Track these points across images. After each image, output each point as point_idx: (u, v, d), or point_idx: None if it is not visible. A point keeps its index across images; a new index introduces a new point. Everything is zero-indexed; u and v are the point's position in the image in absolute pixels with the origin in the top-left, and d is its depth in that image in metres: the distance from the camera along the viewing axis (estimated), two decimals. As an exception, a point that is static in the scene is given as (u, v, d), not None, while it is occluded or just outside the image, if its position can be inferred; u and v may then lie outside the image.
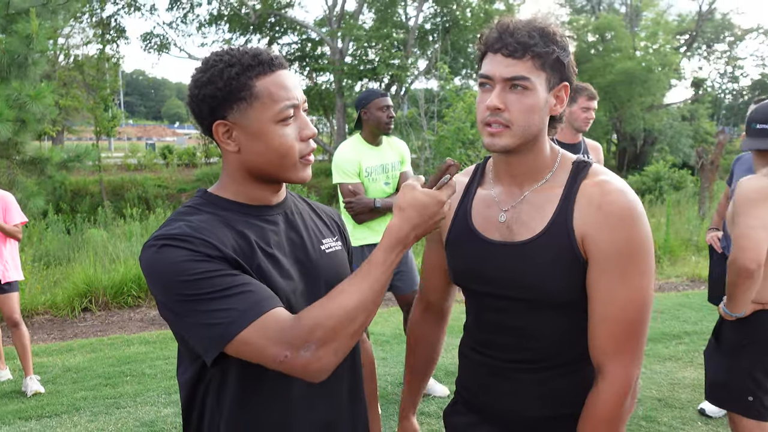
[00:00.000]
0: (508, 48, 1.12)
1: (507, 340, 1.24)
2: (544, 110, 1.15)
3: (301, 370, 0.95)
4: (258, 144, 1.04)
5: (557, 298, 1.17)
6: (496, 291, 1.22)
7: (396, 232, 0.99)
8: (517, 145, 1.16)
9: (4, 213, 3.91)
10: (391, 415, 3.35)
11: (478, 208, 1.28)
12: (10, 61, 6.54)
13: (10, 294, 3.91)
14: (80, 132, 22.74)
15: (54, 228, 8.66)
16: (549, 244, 1.15)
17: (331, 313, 0.94)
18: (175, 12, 19.84)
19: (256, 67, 1.02)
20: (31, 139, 9.36)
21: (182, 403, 1.11)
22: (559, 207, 1.17)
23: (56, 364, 4.39)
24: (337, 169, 3.23)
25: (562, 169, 1.22)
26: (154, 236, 1.00)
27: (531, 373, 1.23)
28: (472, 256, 1.25)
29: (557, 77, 1.15)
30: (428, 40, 20.43)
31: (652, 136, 21.90)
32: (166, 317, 1.02)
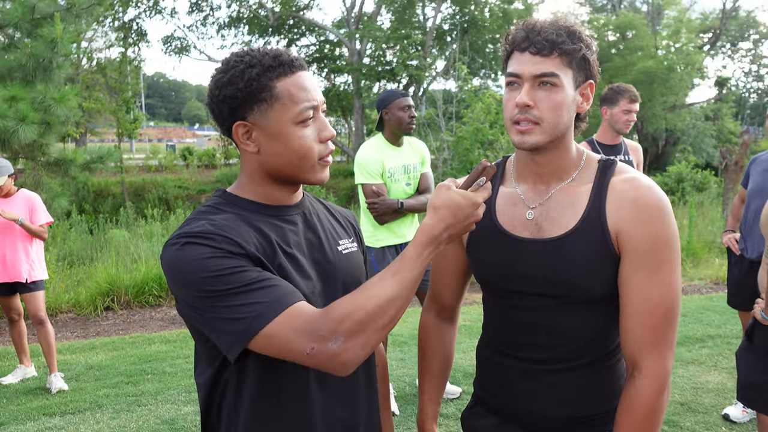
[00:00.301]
0: (536, 46, 1.13)
1: (535, 339, 1.22)
2: (571, 107, 1.16)
3: (327, 363, 0.94)
4: (277, 145, 1.04)
5: (590, 294, 1.17)
6: (526, 288, 1.21)
7: (429, 230, 0.99)
8: (546, 142, 1.16)
9: (30, 213, 3.99)
10: (408, 416, 3.35)
11: (502, 206, 1.27)
12: (35, 64, 6.67)
13: (36, 293, 3.99)
14: (103, 134, 23.11)
15: (77, 228, 8.80)
16: (582, 239, 1.15)
17: (361, 305, 0.94)
18: (195, 15, 20.06)
19: (277, 68, 1.03)
20: (56, 141, 9.53)
21: (200, 404, 1.11)
22: (591, 203, 1.17)
23: (79, 362, 4.46)
24: (360, 169, 3.22)
25: (588, 167, 1.23)
26: (175, 234, 1.01)
27: (558, 372, 1.22)
28: (501, 254, 1.24)
29: (583, 75, 1.17)
30: (446, 40, 20.38)
31: (675, 137, 21.59)
32: (186, 315, 1.02)
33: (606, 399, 1.24)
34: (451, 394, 3.59)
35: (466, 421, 1.41)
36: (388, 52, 18.38)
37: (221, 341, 0.98)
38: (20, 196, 4.01)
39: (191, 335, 1.07)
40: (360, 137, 18.42)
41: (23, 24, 6.98)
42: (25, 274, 3.92)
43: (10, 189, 3.97)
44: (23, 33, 7.23)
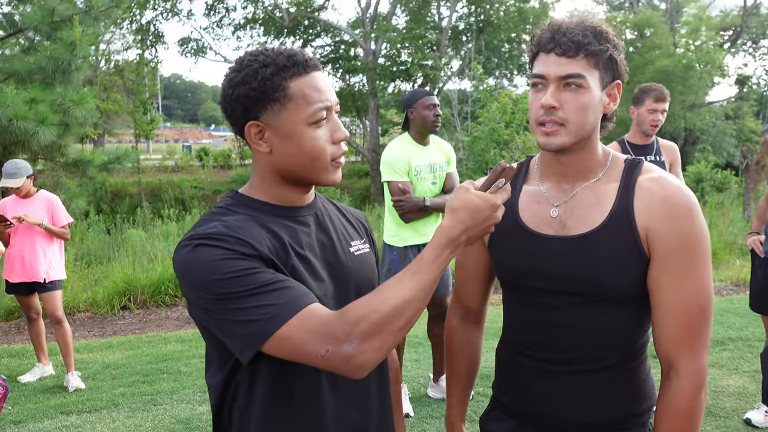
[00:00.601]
0: (562, 47, 1.12)
1: (558, 340, 1.21)
2: (598, 108, 1.16)
3: (342, 365, 0.93)
4: (290, 146, 1.03)
5: (616, 292, 1.15)
6: (549, 286, 1.19)
7: (448, 232, 0.97)
8: (571, 143, 1.16)
9: (51, 215, 4.03)
10: (423, 418, 3.33)
11: (525, 204, 1.26)
12: (54, 67, 6.75)
13: (54, 292, 4.03)
14: (120, 135, 23.40)
15: (95, 228, 8.91)
16: (609, 237, 1.14)
17: (377, 307, 0.92)
18: (211, 17, 20.21)
19: (291, 68, 1.01)
20: (74, 142, 9.66)
21: (212, 406, 1.10)
22: (618, 200, 1.16)
23: (96, 361, 4.50)
24: (387, 166, 3.23)
25: (614, 167, 1.22)
26: (187, 236, 1.00)
27: (579, 374, 1.20)
28: (524, 252, 1.23)
29: (610, 75, 1.16)
30: (461, 39, 20.31)
31: (694, 136, 21.29)
32: (198, 318, 1.01)
33: (629, 402, 1.21)
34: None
35: (484, 425, 1.39)
36: (403, 52, 18.37)
37: (234, 344, 0.97)
38: (40, 197, 4.06)
39: (203, 338, 1.06)
40: (375, 137, 18.42)
41: (43, 27, 7.08)
42: (43, 274, 3.96)
43: (29, 190, 4.02)
44: (43, 36, 7.33)
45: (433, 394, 3.63)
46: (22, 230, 3.97)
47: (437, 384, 3.62)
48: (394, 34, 17.75)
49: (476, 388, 3.72)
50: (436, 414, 3.38)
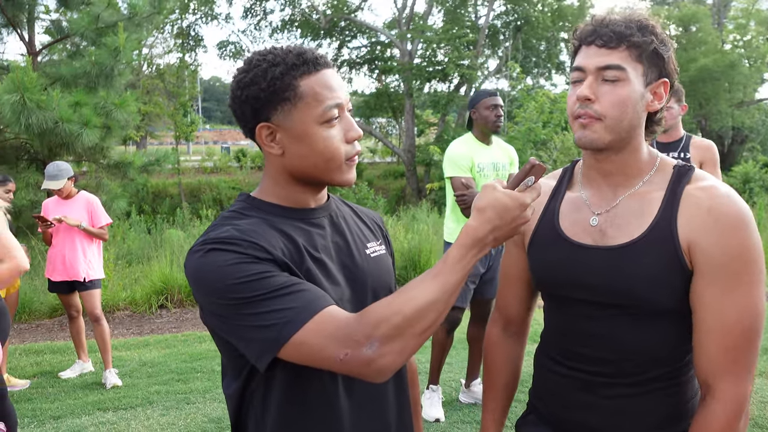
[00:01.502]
0: (603, 38, 1.08)
1: (595, 351, 1.16)
2: (639, 105, 1.09)
3: (362, 369, 0.89)
4: (302, 146, 1.00)
5: (654, 306, 1.10)
6: (586, 297, 1.15)
7: (474, 232, 0.93)
8: (609, 141, 1.10)
9: (90, 216, 4.14)
10: (455, 423, 3.28)
11: (566, 211, 1.21)
12: (98, 71, 6.96)
13: (93, 291, 4.13)
14: (161, 137, 23.96)
15: (136, 228, 9.13)
16: (649, 248, 1.08)
17: (398, 309, 0.88)
18: (249, 19, 20.52)
19: (301, 67, 0.99)
20: (116, 145, 9.94)
21: (230, 415, 1.09)
22: (662, 210, 1.10)
23: (134, 359, 4.60)
24: (450, 163, 3.26)
25: (661, 173, 1.15)
26: (199, 241, 0.98)
27: (618, 387, 1.14)
28: (560, 260, 1.18)
29: (655, 72, 1.10)
30: (498, 39, 20.08)
31: (742, 134, 20.51)
32: (212, 325, 0.99)
33: (671, 420, 1.14)
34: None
35: (519, 430, 1.34)
36: (439, 52, 18.27)
37: (250, 350, 0.94)
38: (80, 199, 4.17)
39: (217, 347, 1.04)
40: (411, 138, 18.37)
41: (88, 33, 7.30)
42: (83, 273, 4.07)
43: (70, 191, 4.13)
44: (88, 41, 7.57)
45: (464, 399, 3.57)
46: (63, 231, 4.09)
47: (469, 389, 3.57)
48: (431, 34, 17.66)
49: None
50: (467, 419, 3.32)
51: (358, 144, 1.06)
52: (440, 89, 19.07)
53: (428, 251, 7.11)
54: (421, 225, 8.48)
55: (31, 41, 8.01)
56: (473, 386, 3.55)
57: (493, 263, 3.36)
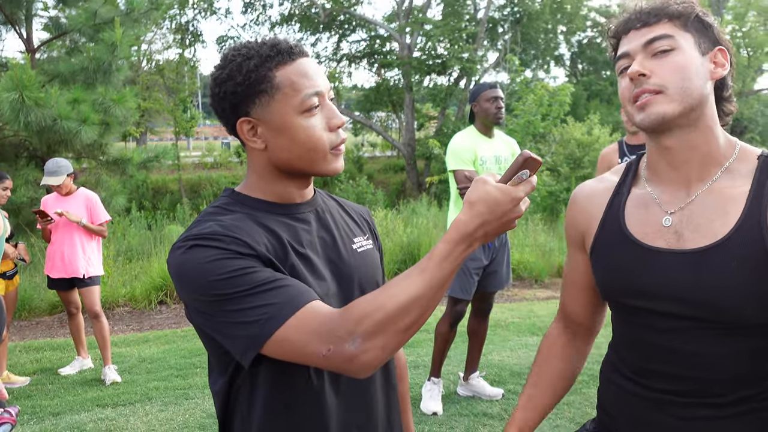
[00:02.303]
0: (641, 20, 1.01)
1: (668, 367, 1.04)
2: (701, 72, 0.99)
3: (345, 365, 0.88)
4: (284, 138, 1.00)
5: (740, 318, 0.97)
6: (659, 308, 1.03)
7: (463, 227, 0.89)
8: (678, 113, 0.98)
9: (90, 212, 4.15)
10: (452, 416, 3.29)
11: (632, 210, 1.09)
12: (96, 67, 6.95)
13: (92, 287, 4.15)
14: (161, 133, 23.95)
15: (137, 224, 9.14)
16: (735, 252, 0.96)
17: (381, 305, 0.87)
18: (248, 14, 20.47)
19: (275, 57, 0.98)
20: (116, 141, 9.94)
21: (217, 413, 1.09)
22: (748, 208, 0.97)
23: (133, 355, 4.62)
24: (453, 156, 3.27)
25: (742, 162, 1.02)
26: (182, 237, 0.97)
27: (695, 407, 1.02)
28: (628, 266, 1.06)
29: (707, 41, 1.01)
30: (498, 32, 20.01)
31: (741, 125, 20.44)
32: (196, 322, 0.99)
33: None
34: (494, 396, 3.51)
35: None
36: (438, 46, 18.22)
37: (234, 347, 0.94)
38: (79, 195, 4.17)
39: (203, 343, 1.05)
40: (410, 131, 18.34)
41: (86, 29, 7.29)
42: (82, 269, 4.08)
43: (70, 188, 4.13)
44: (86, 38, 7.56)
45: (462, 392, 3.58)
46: (62, 227, 4.09)
47: (467, 382, 3.58)
48: (430, 28, 17.60)
49: (506, 386, 3.66)
50: (465, 412, 3.34)
51: (343, 132, 1.05)
52: (440, 83, 19.03)
53: (428, 245, 7.12)
54: (420, 219, 8.49)
55: (29, 38, 8.00)
56: (471, 379, 3.56)
57: (497, 256, 3.35)
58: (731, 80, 1.05)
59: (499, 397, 3.51)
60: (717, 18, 9.92)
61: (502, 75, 19.01)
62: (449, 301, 3.37)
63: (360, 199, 12.34)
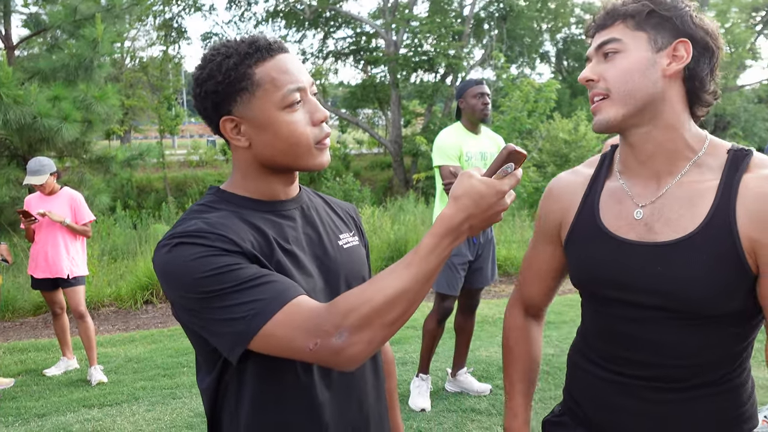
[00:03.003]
0: (598, 23, 1.08)
1: (638, 354, 1.08)
2: (649, 71, 1.02)
3: (332, 359, 0.89)
4: (267, 135, 1.00)
5: (708, 309, 1.01)
6: (630, 298, 1.07)
7: (448, 220, 0.90)
8: (623, 116, 1.03)
9: (74, 212, 4.09)
10: (440, 412, 3.30)
11: (606, 203, 1.13)
12: (77, 64, 6.86)
13: (77, 287, 4.10)
14: (146, 131, 23.70)
15: (121, 223, 9.06)
16: (704, 245, 0.99)
17: (368, 298, 0.87)
18: (233, 11, 20.31)
19: (254, 54, 0.98)
20: (99, 139, 9.81)
21: (205, 410, 1.09)
22: (717, 202, 1.00)
23: (119, 355, 4.58)
24: (439, 151, 3.29)
25: (711, 156, 1.05)
26: (167, 235, 0.97)
27: (662, 392, 1.07)
28: (602, 258, 1.10)
29: (667, 35, 1.03)
30: (483, 29, 20.05)
31: (724, 121, 20.70)
32: (182, 320, 0.99)
33: (722, 427, 1.07)
34: (482, 392, 3.53)
35: (550, 428, 1.28)
36: (424, 42, 18.22)
37: (221, 343, 0.95)
38: (63, 195, 4.12)
39: (190, 341, 1.05)
40: (397, 128, 18.33)
41: (66, 25, 7.19)
42: (66, 270, 4.03)
43: (53, 187, 4.08)
44: (66, 34, 7.45)
45: (450, 388, 3.60)
46: (46, 227, 4.04)
47: (455, 379, 3.59)
48: (416, 24, 17.59)
49: (494, 381, 3.68)
50: (453, 408, 3.35)
51: (327, 126, 1.05)
52: (426, 79, 19.03)
53: (415, 242, 7.13)
54: (408, 216, 8.50)
55: (7, 35, 7.88)
56: (459, 375, 3.58)
57: (482, 252, 3.37)
58: (710, 70, 1.05)
59: (487, 392, 3.53)
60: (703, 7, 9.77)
61: (488, 72, 19.03)
62: (436, 297, 3.38)
63: (347, 197, 12.32)
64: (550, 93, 10.53)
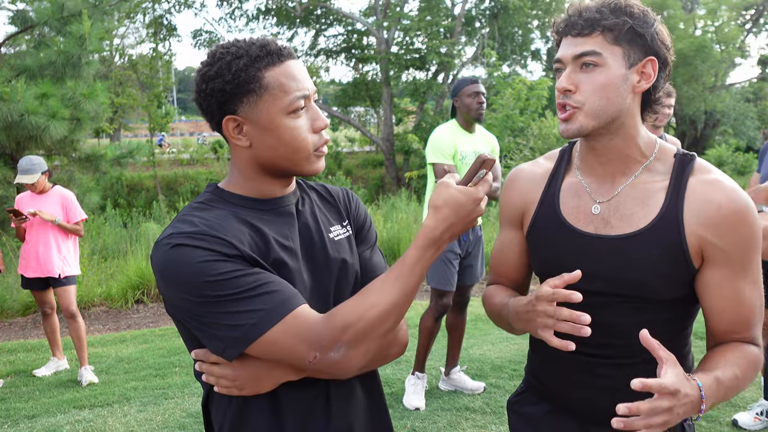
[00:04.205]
0: (576, 27, 1.10)
1: (594, 336, 1.13)
2: (622, 88, 1.09)
3: (329, 370, 0.95)
4: (269, 138, 1.01)
5: (656, 296, 1.12)
6: (586, 286, 1.13)
7: (431, 232, 0.97)
8: (593, 128, 1.10)
9: (65, 211, 4.05)
10: (435, 410, 3.29)
11: (566, 196, 1.21)
12: (65, 61, 6.77)
13: (68, 287, 4.05)
14: (136, 129, 23.54)
15: (112, 222, 8.97)
16: (655, 239, 1.10)
17: (363, 314, 0.94)
18: (224, 8, 20.18)
19: (265, 58, 0.99)
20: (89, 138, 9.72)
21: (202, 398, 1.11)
22: (668, 202, 1.11)
23: (110, 355, 4.53)
24: (433, 149, 3.27)
25: (661, 161, 1.16)
26: (166, 234, 0.97)
27: (616, 367, 1.17)
28: (562, 248, 1.19)
29: (639, 51, 1.09)
30: (475, 26, 20.05)
31: (714, 118, 20.85)
32: (176, 316, 1.00)
33: None
34: (476, 390, 3.52)
35: (514, 407, 1.36)
36: (416, 40, 18.19)
37: (214, 346, 0.96)
38: (54, 194, 4.08)
39: (181, 337, 1.04)
40: (389, 126, 18.31)
41: (53, 22, 7.11)
42: (58, 269, 3.98)
43: (44, 186, 4.03)
44: (54, 31, 7.36)
45: (444, 387, 3.59)
46: (37, 226, 3.99)
47: (448, 377, 3.58)
48: (407, 22, 17.56)
49: (488, 380, 3.68)
50: (447, 406, 3.34)
51: (326, 133, 1.07)
52: (418, 77, 19.00)
53: (408, 240, 7.12)
54: (400, 214, 8.49)
55: (-6, 32, 7.78)
56: (453, 374, 3.57)
57: (472, 250, 3.37)
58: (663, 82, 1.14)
59: (481, 390, 3.53)
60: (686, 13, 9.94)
61: (480, 70, 19.04)
62: (433, 294, 3.37)
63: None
64: (542, 91, 10.54)
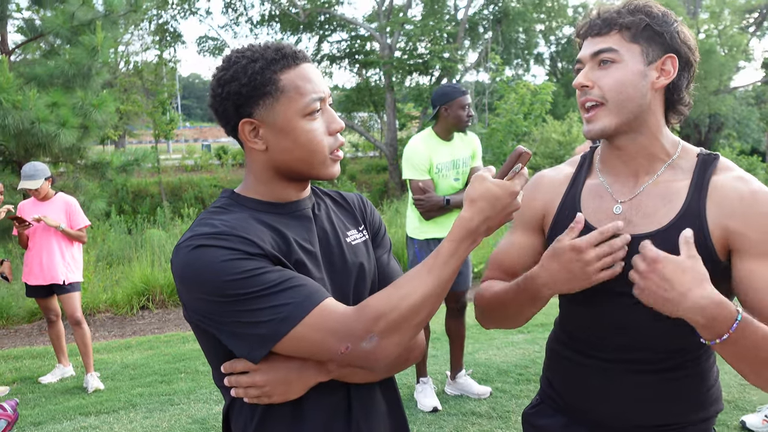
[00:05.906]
0: (595, 28, 1.12)
1: (615, 340, 1.16)
2: (641, 84, 1.10)
3: (362, 361, 0.94)
4: (286, 140, 1.01)
5: None
6: (609, 286, 1.12)
7: (467, 224, 0.96)
8: (615, 126, 1.11)
9: (69, 217, 4.06)
10: (441, 415, 3.29)
11: (587, 198, 1.21)
12: (75, 71, 6.82)
13: (72, 294, 4.06)
14: (140, 135, 23.65)
15: (117, 228, 9.01)
16: (678, 236, 1.06)
17: (396, 304, 0.92)
18: (228, 14, 20.30)
19: (280, 61, 1.00)
20: (94, 144, 9.75)
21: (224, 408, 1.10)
22: (690, 199, 1.11)
23: (116, 361, 4.54)
24: (408, 164, 3.23)
25: (684, 159, 1.16)
26: (187, 236, 0.97)
27: (638, 374, 1.15)
28: None
29: (658, 49, 1.10)
30: (478, 31, 20.09)
31: (718, 122, 20.81)
32: (197, 321, 0.99)
33: (690, 407, 1.16)
34: (482, 394, 3.51)
35: (530, 419, 1.33)
36: (419, 45, 18.24)
37: (240, 346, 0.95)
38: (58, 200, 4.09)
39: (198, 341, 1.04)
40: (393, 131, 18.35)
41: (63, 32, 7.14)
42: (62, 276, 4.00)
43: (47, 192, 4.05)
44: (63, 40, 7.41)
45: (450, 391, 3.58)
46: (41, 233, 4.01)
47: (454, 381, 3.58)
48: (411, 27, 17.61)
49: (494, 384, 3.67)
50: (453, 411, 3.33)
51: (341, 136, 1.07)
52: (421, 82, 19.04)
53: (412, 245, 7.11)
54: (404, 219, 8.48)
55: (3, 40, 7.83)
56: (459, 378, 3.57)
57: None
58: (687, 83, 1.14)
59: (487, 395, 3.52)
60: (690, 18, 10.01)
61: (483, 74, 19.08)
62: None
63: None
64: (546, 96, 10.54)
